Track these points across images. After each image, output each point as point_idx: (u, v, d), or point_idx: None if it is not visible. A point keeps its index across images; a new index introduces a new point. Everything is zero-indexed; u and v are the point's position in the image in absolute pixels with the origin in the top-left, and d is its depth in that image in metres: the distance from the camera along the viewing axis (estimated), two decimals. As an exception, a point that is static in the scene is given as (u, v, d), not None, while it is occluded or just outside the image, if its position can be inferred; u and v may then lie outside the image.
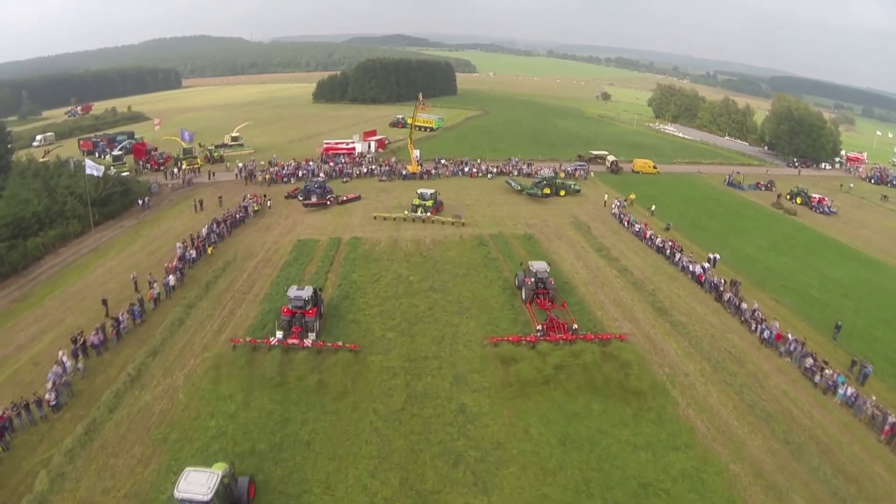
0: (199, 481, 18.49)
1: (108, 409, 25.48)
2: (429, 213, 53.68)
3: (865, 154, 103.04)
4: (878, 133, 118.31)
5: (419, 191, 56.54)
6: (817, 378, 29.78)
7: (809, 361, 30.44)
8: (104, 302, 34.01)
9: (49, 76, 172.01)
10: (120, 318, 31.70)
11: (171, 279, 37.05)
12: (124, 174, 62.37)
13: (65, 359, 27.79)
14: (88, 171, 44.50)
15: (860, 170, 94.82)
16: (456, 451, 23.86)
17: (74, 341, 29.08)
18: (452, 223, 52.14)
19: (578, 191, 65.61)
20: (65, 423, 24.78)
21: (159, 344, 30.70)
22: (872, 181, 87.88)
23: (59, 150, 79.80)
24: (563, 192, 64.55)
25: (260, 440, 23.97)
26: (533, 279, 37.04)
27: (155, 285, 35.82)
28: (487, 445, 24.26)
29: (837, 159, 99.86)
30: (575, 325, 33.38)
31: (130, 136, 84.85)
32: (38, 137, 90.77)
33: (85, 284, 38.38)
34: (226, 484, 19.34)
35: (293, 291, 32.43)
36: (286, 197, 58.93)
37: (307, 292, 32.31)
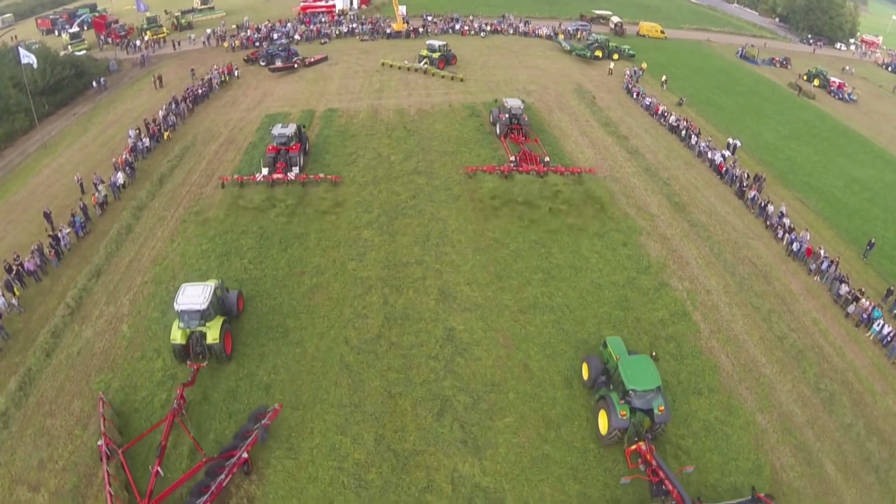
0: (195, 293, 19.51)
1: (45, 352, 20.73)
2: (429, 67, 49.13)
3: (881, 38, 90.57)
4: (894, 17, 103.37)
5: (428, 42, 51.87)
6: (851, 308, 24.83)
7: (844, 289, 25.27)
8: (47, 216, 27.71)
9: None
10: (60, 234, 25.94)
11: (120, 177, 30.68)
12: (81, 52, 52.95)
13: (-2, 294, 22.46)
14: (24, 61, 36.63)
15: (877, 55, 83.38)
16: (442, 394, 19.39)
17: (9, 270, 23.58)
18: (451, 78, 47.58)
19: (633, 55, 57.05)
20: (-2, 374, 20.07)
21: (103, 261, 25.34)
22: (889, 69, 76.71)
23: (16, 32, 67.84)
24: (615, 56, 56.35)
25: (212, 386, 19.44)
26: (507, 115, 36.38)
27: (101, 187, 29.60)
28: (479, 387, 19.75)
29: (853, 41, 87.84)
30: (546, 158, 33.46)
31: (93, 8, 72.12)
32: None
33: (29, 191, 31.91)
34: (218, 295, 20.48)
35: (277, 129, 32.21)
36: (245, 60, 50.55)
37: (291, 129, 32.18)
